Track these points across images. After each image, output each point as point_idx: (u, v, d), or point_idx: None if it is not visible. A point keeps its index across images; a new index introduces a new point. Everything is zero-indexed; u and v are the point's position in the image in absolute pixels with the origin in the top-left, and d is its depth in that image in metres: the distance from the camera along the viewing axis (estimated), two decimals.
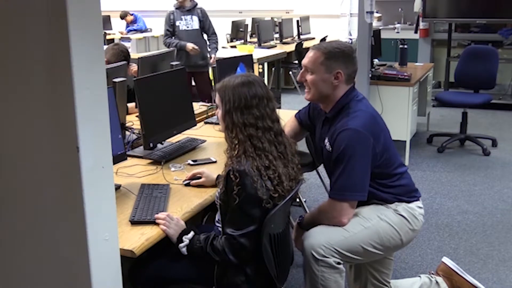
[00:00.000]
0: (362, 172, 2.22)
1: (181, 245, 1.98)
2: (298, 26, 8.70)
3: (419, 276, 2.71)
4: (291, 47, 7.73)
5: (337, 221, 2.25)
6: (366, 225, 2.28)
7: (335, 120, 2.31)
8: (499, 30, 7.60)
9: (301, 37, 8.69)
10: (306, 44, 7.58)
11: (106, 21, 9.69)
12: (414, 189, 2.43)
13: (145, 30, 9.71)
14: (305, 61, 2.35)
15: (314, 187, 4.37)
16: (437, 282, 2.66)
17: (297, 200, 3.62)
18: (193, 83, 5.96)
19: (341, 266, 2.23)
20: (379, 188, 2.33)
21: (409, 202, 2.37)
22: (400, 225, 2.32)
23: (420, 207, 2.41)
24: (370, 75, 4.89)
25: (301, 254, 2.30)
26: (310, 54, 2.34)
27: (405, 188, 2.39)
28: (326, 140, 2.33)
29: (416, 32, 7.85)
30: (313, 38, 8.79)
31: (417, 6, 7.67)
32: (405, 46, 5.87)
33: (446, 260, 2.75)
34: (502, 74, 6.92)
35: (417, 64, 6.31)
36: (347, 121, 2.24)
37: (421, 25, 7.84)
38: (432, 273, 2.73)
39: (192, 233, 2.00)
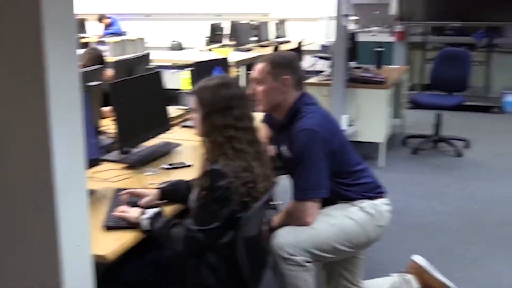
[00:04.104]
0: (321, 169, 2.29)
1: (144, 216, 1.94)
2: (276, 29, 8.74)
3: (391, 275, 2.76)
4: (269, 50, 7.75)
5: (303, 221, 2.31)
6: (332, 222, 2.34)
7: (290, 126, 2.39)
8: (473, 33, 7.75)
9: (279, 40, 8.74)
10: (283, 47, 7.63)
11: (81, 25, 9.63)
12: (377, 185, 2.50)
13: (121, 34, 9.66)
14: (253, 74, 2.45)
15: (289, 189, 4.39)
16: (408, 280, 2.72)
17: (272, 202, 3.64)
18: None
19: (309, 265, 2.28)
20: (342, 187, 2.41)
21: (374, 198, 2.44)
22: (367, 222, 2.38)
23: (385, 204, 2.47)
24: (346, 78, 4.94)
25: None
26: (257, 66, 2.44)
27: (368, 186, 2.46)
28: (284, 147, 2.40)
29: (392, 35, 7.96)
30: (291, 41, 8.84)
31: (394, 9, 7.78)
32: (382, 49, 5.95)
33: (416, 257, 2.81)
34: (475, 77, 7.04)
35: (393, 67, 6.41)
36: (301, 123, 2.32)
37: (398, 28, 7.95)
38: (403, 272, 2.79)
39: (157, 209, 1.99)
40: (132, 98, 2.78)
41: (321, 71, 5.98)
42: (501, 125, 6.91)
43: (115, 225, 1.98)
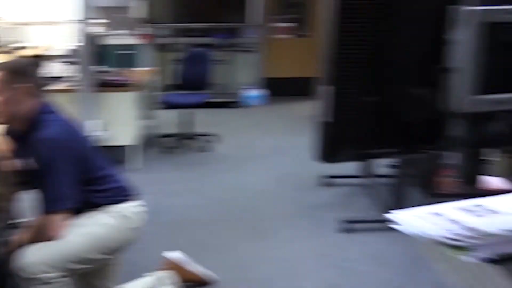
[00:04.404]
0: (66, 179, 2.25)
1: None
2: (14, 34, 8.18)
3: (146, 276, 2.83)
4: (9, 57, 7.22)
5: (52, 235, 2.24)
6: (83, 232, 2.31)
7: (29, 136, 2.30)
8: (215, 35, 8.31)
9: (21, 45, 8.20)
10: (25, 53, 7.20)
11: None
12: (127, 189, 2.53)
13: None
14: None
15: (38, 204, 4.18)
16: (161, 277, 2.81)
17: (15, 221, 3.41)
18: None
19: (60, 280, 2.21)
20: (89, 194, 2.39)
21: (123, 202, 2.46)
22: (118, 226, 2.40)
23: (137, 205, 2.52)
24: (94, 83, 4.86)
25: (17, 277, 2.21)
26: None
27: (116, 190, 2.48)
28: (29, 160, 2.30)
29: (140, 37, 8.05)
30: (32, 47, 8.37)
31: (141, 12, 7.88)
32: (130, 52, 6.00)
33: (169, 254, 2.93)
34: (219, 75, 7.54)
35: (141, 69, 6.49)
36: (40, 133, 2.25)
37: (145, 30, 8.07)
38: (159, 270, 2.88)
39: None
40: None
41: (68, 77, 5.80)
42: (243, 119, 7.53)
43: None
